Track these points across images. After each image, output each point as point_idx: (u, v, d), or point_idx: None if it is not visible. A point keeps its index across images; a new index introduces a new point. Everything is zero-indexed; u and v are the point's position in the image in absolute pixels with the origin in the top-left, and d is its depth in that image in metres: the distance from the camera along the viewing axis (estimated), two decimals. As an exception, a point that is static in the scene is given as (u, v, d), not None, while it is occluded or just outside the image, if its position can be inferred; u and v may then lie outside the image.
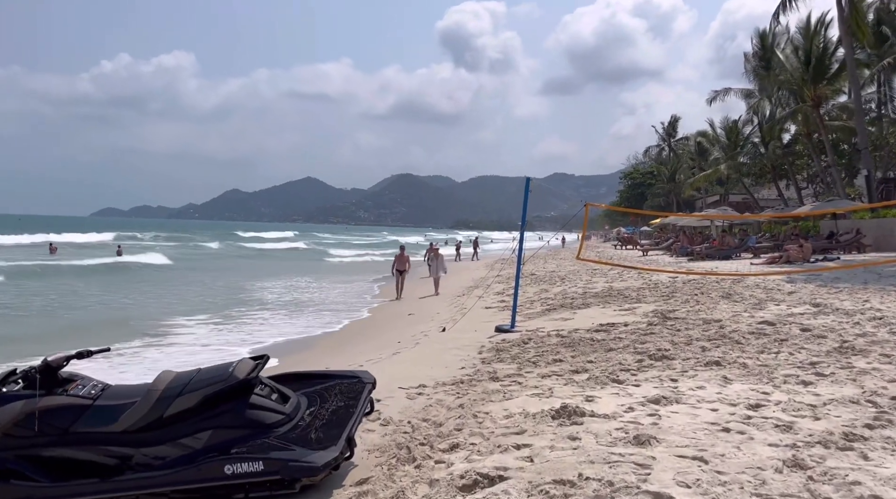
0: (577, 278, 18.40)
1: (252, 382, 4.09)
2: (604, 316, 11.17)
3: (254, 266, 38.48)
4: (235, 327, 14.71)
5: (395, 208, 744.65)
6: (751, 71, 41.19)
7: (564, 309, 12.55)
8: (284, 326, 14.77)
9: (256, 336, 13.57)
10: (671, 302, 12.02)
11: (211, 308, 17.58)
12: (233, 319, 15.82)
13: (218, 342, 12.90)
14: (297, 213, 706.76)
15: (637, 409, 4.72)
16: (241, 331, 14.29)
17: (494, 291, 17.52)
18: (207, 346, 12.49)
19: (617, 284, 15.94)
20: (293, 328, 14.50)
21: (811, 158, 36.00)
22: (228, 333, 13.94)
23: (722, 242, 24.27)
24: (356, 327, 14.51)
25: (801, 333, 7.94)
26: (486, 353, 8.46)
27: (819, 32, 27.42)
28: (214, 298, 20.15)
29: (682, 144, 78.31)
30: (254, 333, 14.04)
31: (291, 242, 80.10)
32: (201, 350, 11.99)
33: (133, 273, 30.71)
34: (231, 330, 14.38)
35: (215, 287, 24.02)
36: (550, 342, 8.74)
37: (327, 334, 13.73)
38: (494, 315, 12.91)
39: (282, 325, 14.77)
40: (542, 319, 11.62)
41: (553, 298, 14.42)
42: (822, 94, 28.04)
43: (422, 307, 17.05)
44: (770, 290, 12.70)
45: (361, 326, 14.68)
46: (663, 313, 10.63)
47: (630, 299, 12.87)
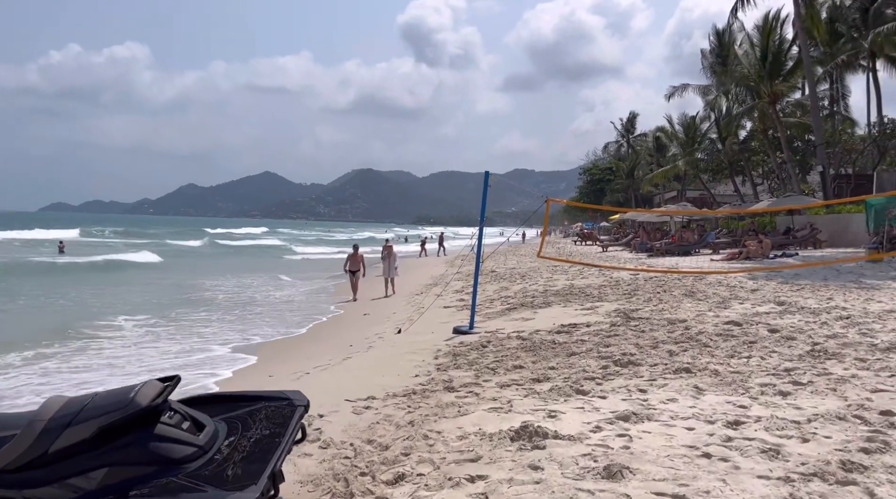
0: (537, 276, 18.02)
1: (158, 408, 3.46)
2: (565, 316, 10.76)
3: (230, 264, 37.25)
4: (177, 332, 13.90)
5: (355, 204, 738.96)
6: (708, 67, 41.57)
7: (525, 308, 12.12)
8: (230, 332, 14.02)
9: (197, 344, 12.80)
10: (633, 301, 11.69)
11: (155, 309, 16.68)
12: (173, 321, 14.97)
13: (153, 354, 12.10)
14: (255, 208, 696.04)
15: (605, 428, 4.25)
16: (180, 337, 13.49)
17: (453, 289, 17.03)
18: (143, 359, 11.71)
19: (578, 281, 15.59)
20: (240, 334, 13.75)
21: (767, 154, 36.42)
22: (169, 343, 13.13)
23: (681, 237, 24.26)
24: (309, 330, 13.84)
25: (769, 335, 7.61)
26: (443, 358, 7.95)
27: (775, 29, 27.62)
28: (159, 299, 19.21)
29: (640, 140, 79.07)
30: (193, 340, 13.26)
31: (264, 239, 78.27)
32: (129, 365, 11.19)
33: (137, 271, 29.44)
34: (172, 336, 13.56)
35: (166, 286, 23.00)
36: (510, 345, 8.27)
37: (277, 339, 13.03)
38: (453, 315, 12.41)
39: (227, 331, 14.00)
40: (502, 320, 11.16)
41: (513, 297, 13.99)
42: (778, 91, 28.26)
43: (377, 307, 16.45)
44: (733, 287, 12.47)
45: (315, 328, 14.01)
46: (626, 313, 10.27)
47: (591, 298, 12.51)
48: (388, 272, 19.16)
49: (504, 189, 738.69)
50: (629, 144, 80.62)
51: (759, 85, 28.23)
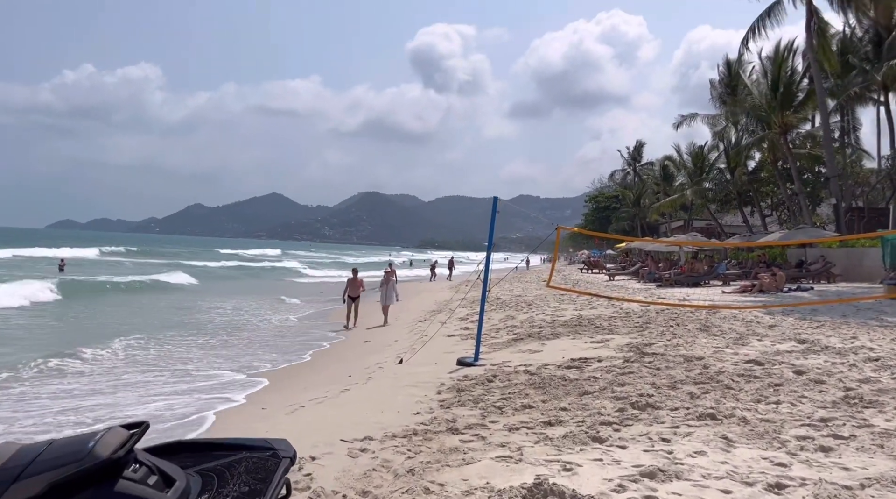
0: (544, 304, 17.55)
1: (120, 460, 3.01)
2: (575, 349, 10.29)
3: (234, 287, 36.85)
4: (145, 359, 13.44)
5: (360, 226, 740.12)
6: (717, 97, 41.46)
7: (532, 339, 11.65)
8: (220, 360, 13.55)
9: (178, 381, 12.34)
10: (646, 334, 11.21)
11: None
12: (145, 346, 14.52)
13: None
14: (260, 229, 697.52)
15: (629, 487, 3.78)
16: (166, 363, 13.04)
17: (458, 317, 16.56)
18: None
19: (587, 311, 15.11)
20: (234, 363, 13.29)
21: (776, 185, 36.05)
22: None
23: (691, 268, 23.79)
24: (309, 357, 13.36)
25: (795, 377, 7.13)
26: (446, 393, 7.49)
27: (787, 60, 27.42)
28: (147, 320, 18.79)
29: (647, 168, 78.96)
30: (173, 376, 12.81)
31: (283, 261, 77.18)
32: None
33: (182, 294, 29.09)
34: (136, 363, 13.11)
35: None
36: (518, 381, 7.80)
37: (278, 367, 12.56)
38: (457, 345, 11.94)
39: (214, 359, 13.52)
40: (509, 351, 10.69)
41: (520, 327, 13.51)
42: (788, 122, 27.97)
43: (378, 335, 15.97)
44: (749, 322, 11.98)
45: (316, 355, 13.53)
46: (639, 348, 9.79)
47: (602, 330, 12.03)
48: (385, 299, 18.27)
49: (509, 215, 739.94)
50: (636, 173, 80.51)
51: (771, 115, 27.95)
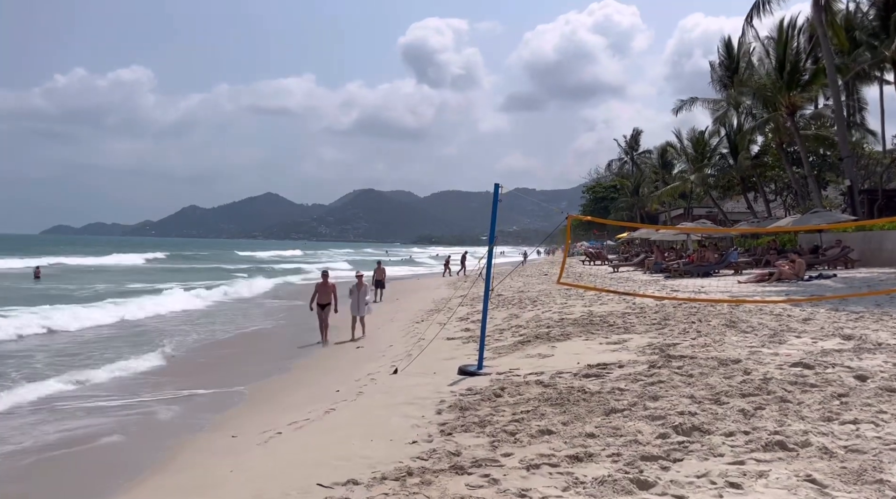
0: (549, 300, 16.43)
1: None
2: (590, 352, 9.20)
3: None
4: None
5: (357, 224, 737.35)
6: (717, 81, 40.31)
7: (540, 341, 10.54)
8: (201, 375, 12.43)
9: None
10: (666, 333, 10.11)
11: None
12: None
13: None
14: (257, 229, 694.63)
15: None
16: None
17: (458, 316, 15.44)
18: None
19: (597, 308, 14.00)
20: (211, 377, 12.17)
21: (782, 168, 34.97)
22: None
23: (701, 257, 22.68)
24: (295, 367, 12.22)
25: (860, 385, 6.03)
26: (448, 412, 6.39)
27: (794, 38, 26.28)
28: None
29: (644, 157, 77.89)
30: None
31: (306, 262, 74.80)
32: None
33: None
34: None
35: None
36: (530, 394, 6.71)
37: (259, 379, 11.43)
38: (458, 349, 10.84)
39: (198, 374, 12.42)
40: (516, 356, 9.59)
41: (525, 327, 12.40)
42: (795, 102, 26.86)
43: (373, 338, 14.85)
44: (779, 315, 10.88)
45: (303, 365, 12.39)
46: (662, 349, 8.70)
47: (617, 329, 10.92)
48: (356, 309, 15.29)
49: (505, 208, 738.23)
50: (633, 161, 79.40)
51: (777, 96, 26.83)
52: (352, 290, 15.48)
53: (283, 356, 13.33)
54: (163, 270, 54.43)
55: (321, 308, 14.99)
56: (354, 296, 15.37)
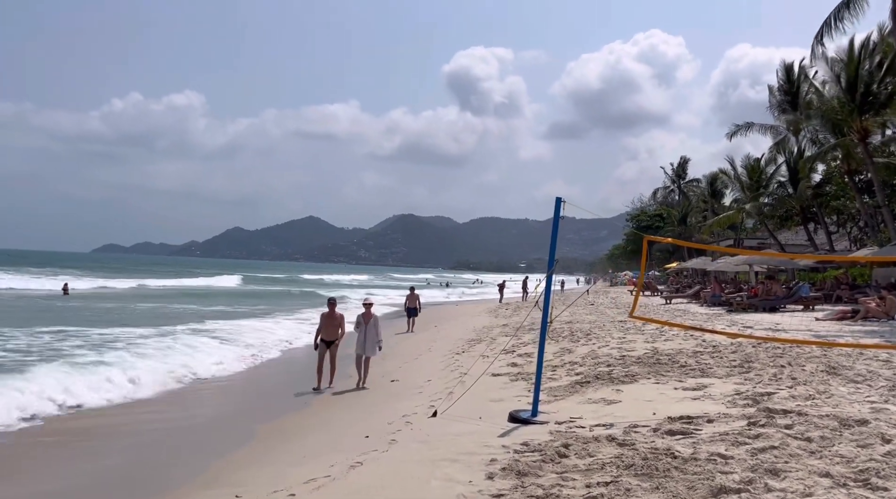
0: (604, 334, 14.91)
1: None
2: (665, 399, 7.75)
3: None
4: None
5: (395, 248, 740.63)
6: (775, 105, 38.42)
7: (601, 383, 9.10)
8: (215, 403, 11.27)
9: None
10: (753, 378, 8.59)
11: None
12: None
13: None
14: (298, 252, 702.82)
15: None
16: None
17: (501, 348, 14.04)
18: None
19: (661, 344, 12.47)
20: (217, 407, 11.00)
21: (848, 198, 32.79)
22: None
23: (767, 290, 20.86)
24: (315, 405, 10.90)
25: None
26: (501, 477, 5.05)
27: (866, 58, 24.48)
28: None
29: (692, 186, 75.57)
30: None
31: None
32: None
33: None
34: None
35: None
36: (603, 456, 5.34)
37: (276, 416, 10.20)
38: (505, 389, 9.48)
39: (205, 403, 11.26)
40: (575, 401, 8.19)
41: (581, 364, 10.95)
42: (867, 127, 24.96)
43: (408, 370, 13.53)
44: (888, 362, 9.25)
45: (328, 401, 11.12)
46: (756, 399, 7.21)
47: (691, 370, 9.42)
48: (363, 348, 12.19)
49: (543, 236, 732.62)
50: (680, 190, 77.06)
51: (848, 120, 24.98)
52: (359, 321, 12.38)
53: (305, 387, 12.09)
54: (268, 294, 49.77)
55: (325, 346, 12.09)
56: (361, 329, 12.27)
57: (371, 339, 12.09)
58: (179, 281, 61.77)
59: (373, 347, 12.08)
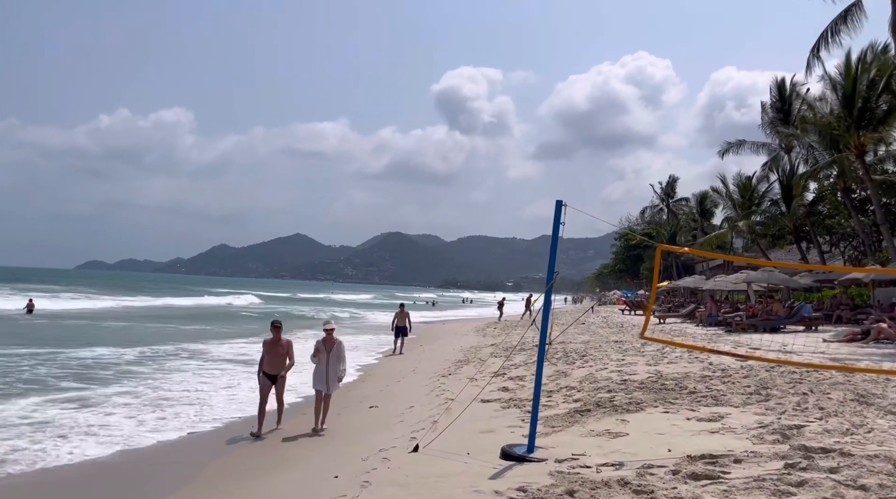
0: (601, 355, 13.93)
1: None
2: (678, 432, 6.79)
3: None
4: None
5: (382, 266, 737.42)
6: (767, 123, 38.00)
7: (604, 411, 8.12)
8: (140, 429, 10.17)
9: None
10: (774, 406, 7.65)
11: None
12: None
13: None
14: (284, 269, 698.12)
15: None
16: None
17: (491, 370, 13.04)
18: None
19: (664, 367, 11.52)
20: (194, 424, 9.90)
21: (843, 216, 32.22)
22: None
23: (767, 309, 20.03)
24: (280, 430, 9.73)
25: None
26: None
27: (867, 70, 23.93)
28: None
29: (680, 205, 75.28)
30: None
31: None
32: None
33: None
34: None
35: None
36: (616, 506, 4.35)
37: (232, 445, 9.10)
38: (496, 417, 8.47)
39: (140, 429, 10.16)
40: (576, 432, 7.20)
41: (579, 389, 9.97)
42: (865, 142, 24.34)
43: (389, 395, 12.45)
44: (919, 389, 8.35)
45: (293, 426, 9.96)
46: (786, 434, 6.27)
47: (703, 398, 8.46)
48: (322, 382, 9.59)
49: (530, 255, 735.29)
50: (669, 209, 76.71)
51: (845, 136, 24.36)
52: (318, 349, 9.65)
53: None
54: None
55: (269, 380, 9.71)
56: (321, 359, 9.60)
57: (333, 371, 9.55)
58: (156, 300, 59.51)
59: (334, 381, 9.59)
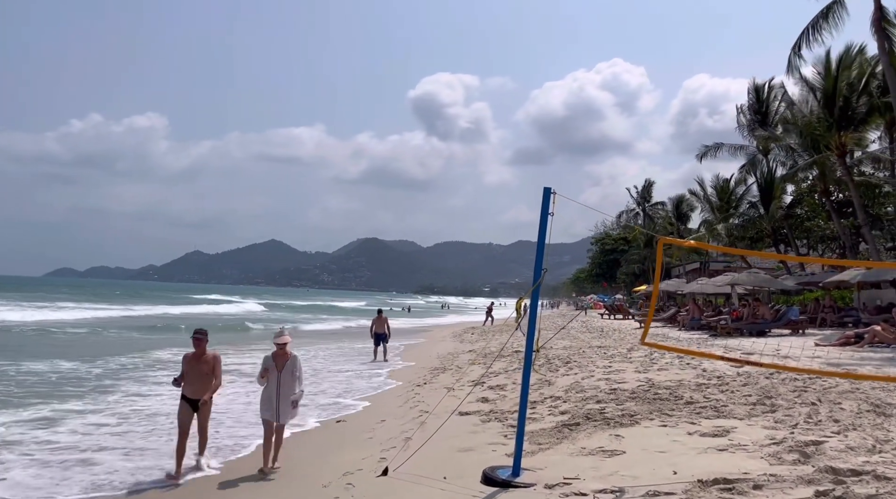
0: (586, 361, 13.16)
1: None
2: (681, 449, 6.02)
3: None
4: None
5: (359, 272, 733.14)
6: (744, 125, 37.83)
7: (594, 425, 7.33)
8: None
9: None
10: (782, 418, 6.92)
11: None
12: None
13: None
14: (259, 276, 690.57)
15: None
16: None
17: (469, 379, 12.22)
18: None
19: (654, 374, 10.77)
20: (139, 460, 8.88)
21: (823, 218, 31.98)
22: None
23: (753, 312, 19.46)
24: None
25: None
26: None
27: (848, 68, 23.61)
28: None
29: (656, 208, 75.32)
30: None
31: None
32: None
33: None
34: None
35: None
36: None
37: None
38: (475, 432, 7.64)
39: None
40: (565, 449, 6.40)
41: (565, 399, 9.17)
42: (846, 143, 24.02)
43: (356, 415, 11.50)
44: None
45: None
46: (806, 453, 5.53)
47: (702, 409, 7.71)
48: (272, 409, 7.33)
49: (506, 261, 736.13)
50: (645, 213, 76.70)
51: (826, 136, 24.01)
52: (267, 366, 7.37)
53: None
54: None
55: (190, 406, 7.32)
56: (272, 380, 7.31)
57: (286, 395, 7.27)
58: (154, 308, 53.20)
59: (287, 407, 7.30)
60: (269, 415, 7.31)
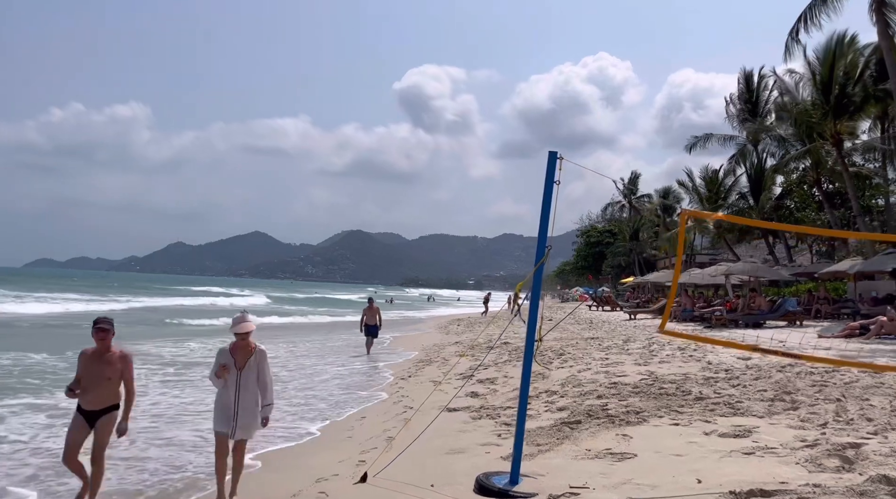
0: (581, 353, 12.43)
1: None
2: (700, 451, 5.30)
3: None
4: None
5: (343, 264, 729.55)
6: (734, 115, 37.35)
7: (597, 423, 6.61)
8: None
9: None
10: (808, 417, 6.22)
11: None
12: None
13: None
14: (242, 267, 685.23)
15: None
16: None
17: (457, 373, 11.43)
18: None
19: (655, 367, 10.07)
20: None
21: (812, 209, 31.56)
22: None
23: (750, 303, 18.87)
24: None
25: None
26: None
27: (845, 55, 23.02)
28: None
29: (643, 201, 74.99)
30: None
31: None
32: None
33: None
34: None
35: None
36: None
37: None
38: (465, 430, 6.89)
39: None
40: (567, 452, 5.67)
41: (563, 395, 8.43)
42: (842, 132, 23.45)
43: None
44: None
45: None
46: (847, 457, 4.82)
47: (714, 405, 7.00)
48: (233, 423, 5.37)
49: (491, 253, 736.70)
50: (631, 205, 76.34)
51: (821, 124, 23.44)
52: (221, 361, 5.47)
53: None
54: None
55: (86, 421, 5.31)
56: (231, 382, 5.43)
57: (247, 401, 5.45)
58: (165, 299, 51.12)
59: (254, 417, 5.48)
60: (223, 428, 5.40)
